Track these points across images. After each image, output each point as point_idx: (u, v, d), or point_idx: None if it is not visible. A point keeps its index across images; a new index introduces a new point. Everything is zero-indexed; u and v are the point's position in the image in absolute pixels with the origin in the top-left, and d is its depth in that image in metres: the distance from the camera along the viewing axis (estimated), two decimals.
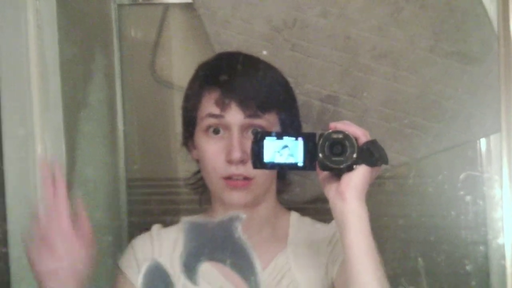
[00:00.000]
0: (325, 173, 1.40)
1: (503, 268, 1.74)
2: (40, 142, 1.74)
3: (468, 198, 1.87)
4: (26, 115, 1.71)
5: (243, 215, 1.51)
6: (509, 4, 1.76)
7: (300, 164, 1.38)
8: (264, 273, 1.60)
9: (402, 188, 2.00)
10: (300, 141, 1.37)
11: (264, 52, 1.89)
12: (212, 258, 1.54)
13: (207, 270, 1.58)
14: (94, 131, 2.00)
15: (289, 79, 1.70)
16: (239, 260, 1.50)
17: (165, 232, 1.68)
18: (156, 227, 1.70)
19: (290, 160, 1.38)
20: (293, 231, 1.68)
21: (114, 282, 1.64)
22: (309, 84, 1.90)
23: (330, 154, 1.35)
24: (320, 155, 1.36)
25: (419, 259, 1.86)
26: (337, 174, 1.37)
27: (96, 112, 2.02)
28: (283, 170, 1.68)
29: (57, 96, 1.81)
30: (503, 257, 1.75)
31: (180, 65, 2.11)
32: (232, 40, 1.91)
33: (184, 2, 2.08)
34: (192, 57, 2.04)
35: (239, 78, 1.59)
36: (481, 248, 1.90)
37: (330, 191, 1.38)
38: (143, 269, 1.55)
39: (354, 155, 1.34)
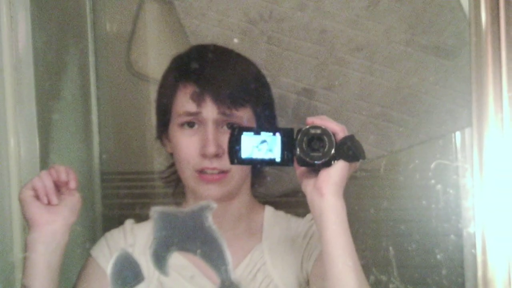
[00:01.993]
0: (303, 168, 1.40)
1: (474, 257, 1.75)
2: (13, 134, 1.73)
3: (439, 187, 1.88)
4: None
5: (214, 205, 1.50)
6: None
7: (278, 159, 1.37)
8: (239, 267, 1.61)
9: (374, 178, 2.00)
10: (278, 136, 1.37)
11: (235, 40, 1.88)
12: (182, 248, 1.53)
13: (178, 260, 1.59)
14: (68, 123, 1.98)
15: (265, 72, 1.70)
16: (209, 250, 1.49)
17: (139, 227, 1.68)
18: (129, 222, 1.70)
19: (268, 156, 1.37)
20: (268, 225, 1.68)
21: (83, 268, 1.64)
22: (285, 77, 1.90)
23: (308, 150, 1.35)
24: (298, 150, 1.35)
25: (390, 248, 1.87)
26: (315, 169, 1.37)
27: (70, 104, 2.00)
28: (260, 166, 1.67)
29: (30, 88, 1.79)
30: (474, 246, 1.76)
31: (156, 57, 2.09)
32: (207, 32, 1.90)
33: None
34: (167, 49, 2.03)
35: (214, 72, 1.59)
36: (453, 237, 1.91)
37: (308, 186, 1.39)
38: (113, 258, 1.55)
39: (332, 151, 1.34)
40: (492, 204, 1.77)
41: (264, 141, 1.38)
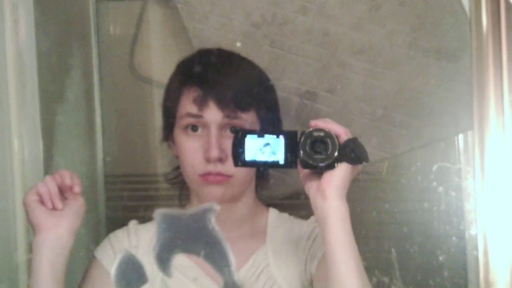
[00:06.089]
0: (306, 170, 1.41)
1: (476, 259, 1.76)
2: (17, 137, 1.73)
3: (441, 189, 1.89)
4: (2, 109, 1.69)
5: (217, 207, 1.51)
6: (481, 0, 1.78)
7: (281, 162, 1.38)
8: (243, 269, 1.62)
9: (376, 181, 2.00)
10: (282, 139, 1.38)
11: (238, 44, 1.88)
12: (185, 249, 1.53)
13: (182, 261, 1.58)
14: (71, 126, 1.98)
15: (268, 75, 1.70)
16: (212, 251, 1.50)
17: (143, 228, 1.69)
18: (133, 223, 1.71)
19: (272, 158, 1.38)
20: (272, 227, 1.68)
21: (87, 269, 1.65)
22: (288, 80, 1.90)
23: (312, 152, 1.36)
24: (302, 153, 1.36)
25: (393, 250, 1.87)
26: (318, 172, 1.38)
27: (74, 107, 2.00)
28: (264, 168, 1.68)
29: (34, 91, 1.79)
30: (476, 248, 1.77)
31: (159, 60, 2.09)
32: (210, 36, 1.90)
33: None
34: (170, 53, 2.04)
35: (218, 76, 1.59)
36: (455, 239, 1.91)
37: (311, 189, 1.39)
38: (117, 260, 1.55)
39: (336, 153, 1.35)
40: (494, 206, 1.78)
41: (267, 144, 1.38)
